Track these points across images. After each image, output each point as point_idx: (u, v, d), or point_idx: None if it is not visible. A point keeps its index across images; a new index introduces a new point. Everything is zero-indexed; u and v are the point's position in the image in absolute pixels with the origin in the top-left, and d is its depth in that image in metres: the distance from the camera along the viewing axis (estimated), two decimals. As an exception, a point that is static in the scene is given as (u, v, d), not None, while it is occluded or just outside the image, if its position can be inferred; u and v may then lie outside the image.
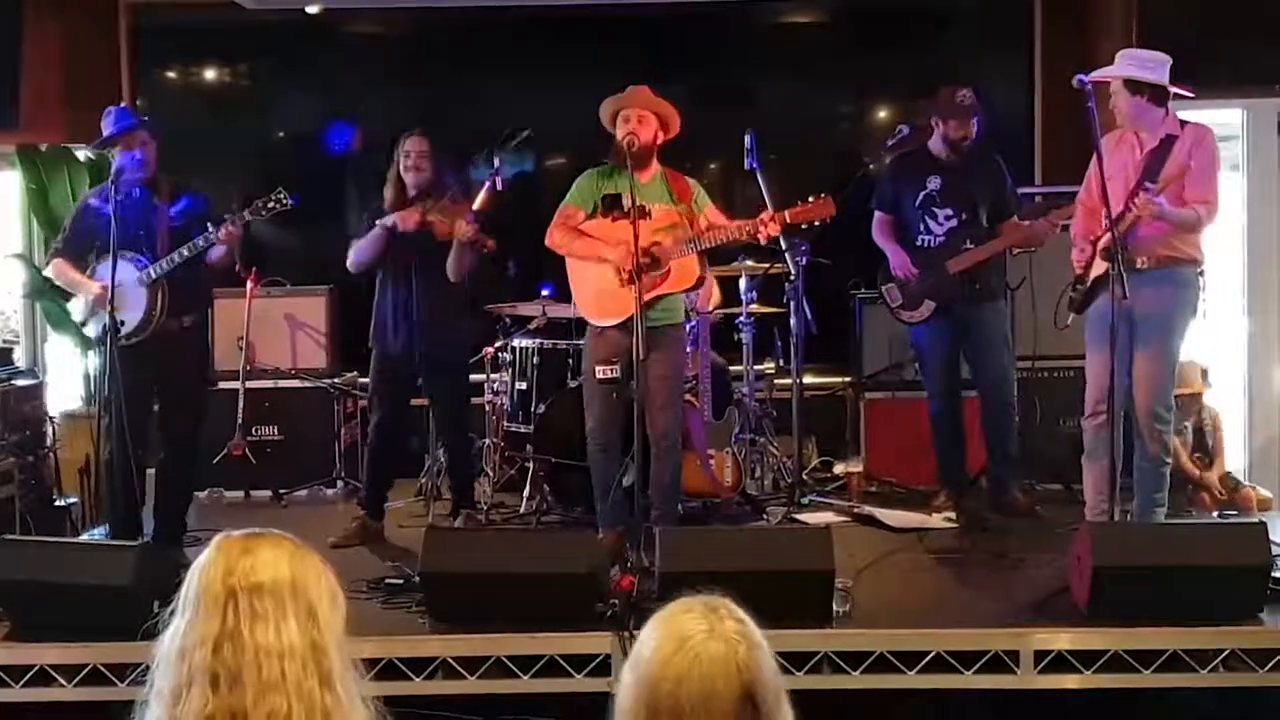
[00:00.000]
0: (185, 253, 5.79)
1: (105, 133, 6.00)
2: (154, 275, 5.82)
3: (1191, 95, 5.81)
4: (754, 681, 1.96)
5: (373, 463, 6.51)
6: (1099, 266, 5.66)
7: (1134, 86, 5.61)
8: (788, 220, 5.57)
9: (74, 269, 6.07)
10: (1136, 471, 5.77)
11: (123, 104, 6.11)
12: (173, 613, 2.15)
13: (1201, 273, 5.80)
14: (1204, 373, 7.08)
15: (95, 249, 5.99)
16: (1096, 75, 5.59)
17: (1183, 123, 5.72)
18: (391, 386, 6.41)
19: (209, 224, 5.84)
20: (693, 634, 1.98)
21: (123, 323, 5.80)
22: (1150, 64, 5.66)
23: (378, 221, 6.25)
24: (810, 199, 5.54)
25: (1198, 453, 7.04)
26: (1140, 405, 5.62)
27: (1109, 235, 5.50)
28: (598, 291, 5.74)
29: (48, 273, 6.35)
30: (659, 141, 5.79)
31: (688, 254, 5.63)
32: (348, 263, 6.38)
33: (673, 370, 5.82)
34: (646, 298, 5.46)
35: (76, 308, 6.16)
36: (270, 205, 5.82)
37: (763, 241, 5.65)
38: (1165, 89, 5.62)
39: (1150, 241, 5.59)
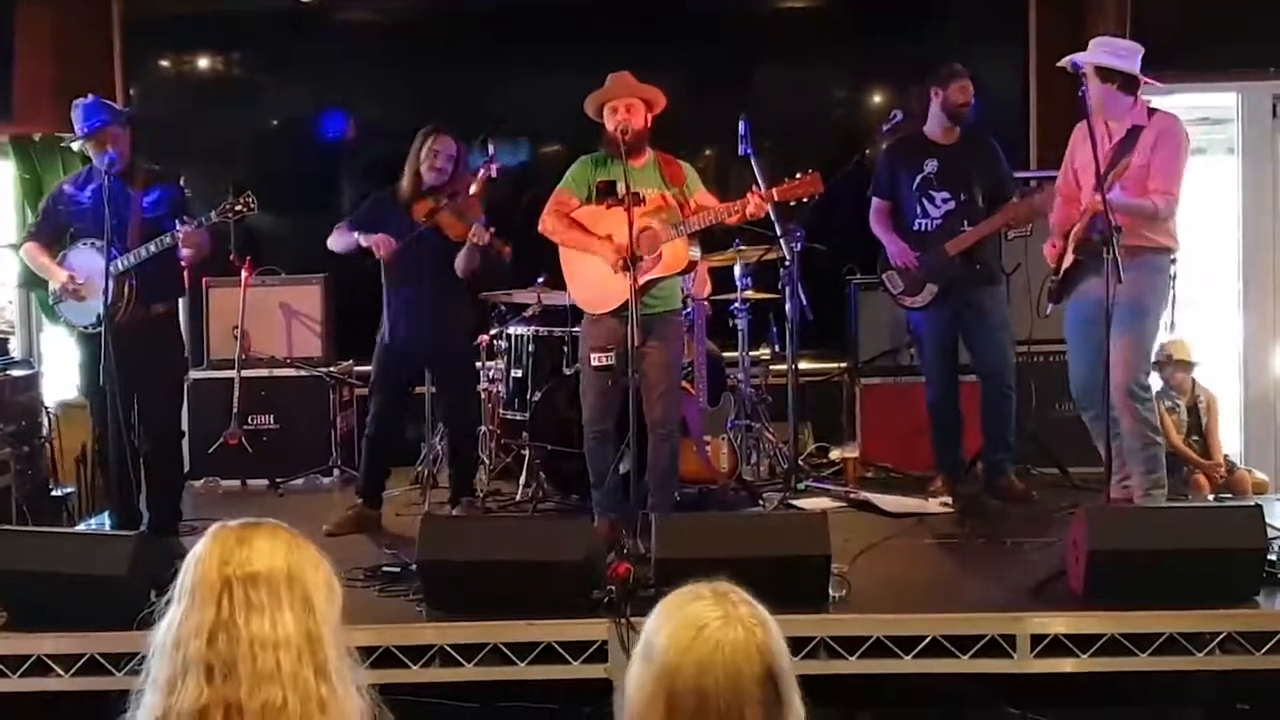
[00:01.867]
0: (153, 248, 5.79)
1: (77, 130, 5.98)
2: (121, 268, 5.79)
3: (1162, 86, 5.85)
4: (774, 664, 1.98)
5: (371, 451, 6.52)
6: (1071, 258, 5.75)
7: (1104, 74, 5.63)
8: (775, 197, 5.56)
9: (45, 254, 6.08)
10: (1127, 454, 5.79)
11: (90, 97, 6.06)
12: (169, 602, 2.15)
13: (1174, 260, 5.80)
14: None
15: (69, 235, 5.99)
16: (1068, 60, 5.64)
17: (1151, 111, 5.73)
18: (394, 376, 6.44)
19: (182, 216, 5.83)
20: (708, 621, 1.98)
21: (104, 313, 5.74)
22: (1122, 51, 5.68)
23: (358, 238, 6.28)
24: (798, 175, 5.54)
25: (1195, 436, 7.04)
26: (1114, 383, 5.61)
27: (1080, 226, 5.62)
28: (592, 280, 5.73)
29: (20, 255, 6.33)
30: (649, 124, 5.79)
31: (677, 237, 5.62)
32: (330, 240, 6.46)
33: (671, 358, 5.81)
34: (640, 282, 5.46)
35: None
36: (237, 209, 5.82)
37: (751, 214, 5.62)
38: (1135, 78, 5.64)
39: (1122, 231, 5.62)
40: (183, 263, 6.11)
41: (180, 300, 6.40)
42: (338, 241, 6.42)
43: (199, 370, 7.84)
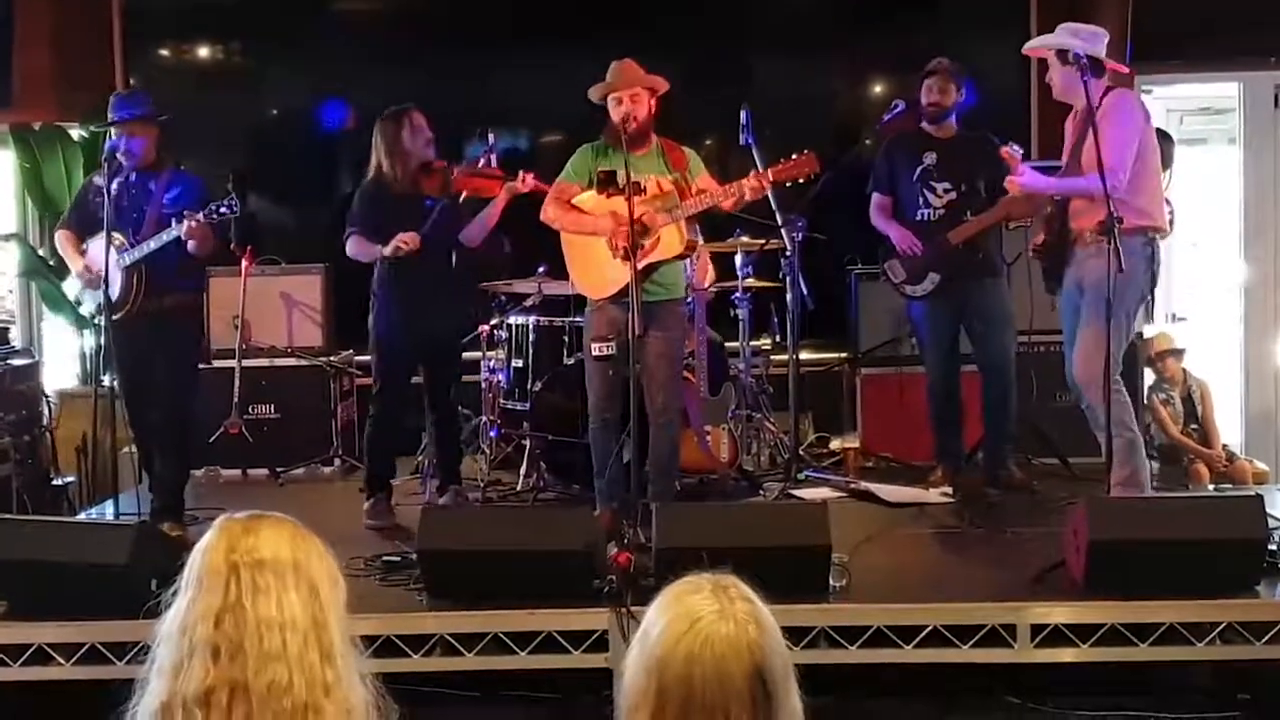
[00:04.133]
0: (152, 244, 5.85)
1: (112, 116, 6.01)
2: (127, 261, 5.88)
3: (1126, 71, 5.81)
4: (764, 662, 1.97)
5: (386, 442, 6.43)
6: (1040, 237, 5.86)
7: (1064, 57, 5.59)
8: (771, 179, 5.56)
9: (73, 244, 6.17)
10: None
11: (131, 90, 6.11)
12: (175, 594, 2.16)
13: (1151, 241, 5.61)
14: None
15: (97, 225, 6.03)
16: (1031, 45, 5.65)
17: (1109, 90, 5.63)
18: (403, 366, 6.37)
19: (198, 211, 5.86)
20: (703, 614, 1.99)
21: (104, 302, 5.82)
22: (1084, 35, 5.64)
23: (383, 253, 6.10)
24: (794, 156, 5.53)
25: (1192, 425, 7.05)
26: (1088, 376, 5.59)
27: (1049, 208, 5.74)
28: (593, 266, 5.73)
29: (57, 240, 6.36)
30: (654, 111, 5.77)
31: (674, 221, 5.61)
32: (348, 249, 6.27)
33: (672, 347, 5.81)
34: (639, 266, 5.45)
35: (71, 286, 6.22)
36: (221, 211, 5.83)
37: (749, 197, 5.60)
38: (1100, 61, 5.57)
39: (1080, 214, 5.61)
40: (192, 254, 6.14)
41: (199, 292, 6.38)
42: (361, 253, 6.23)
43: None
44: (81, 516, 6.83)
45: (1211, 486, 6.83)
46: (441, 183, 6.24)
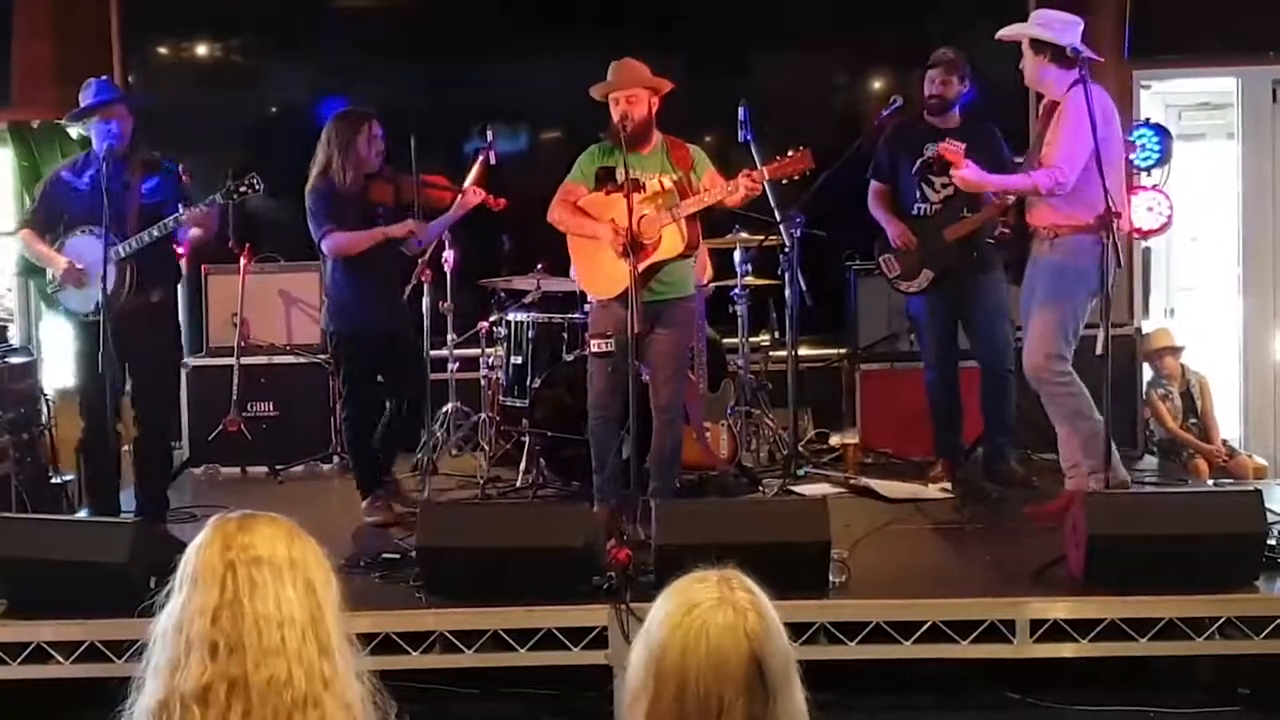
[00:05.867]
0: (155, 233, 5.75)
1: (83, 104, 5.96)
2: (122, 254, 5.74)
3: (1099, 59, 5.76)
4: (762, 651, 1.98)
5: (364, 443, 6.35)
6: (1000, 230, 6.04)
7: (1037, 46, 5.57)
8: (766, 176, 5.57)
9: (41, 240, 6.02)
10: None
11: (103, 77, 6.06)
12: (169, 593, 2.16)
13: (1102, 239, 5.40)
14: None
15: (63, 222, 5.96)
16: (1004, 33, 5.67)
17: (1074, 85, 5.49)
18: (368, 366, 6.29)
19: (181, 202, 5.82)
20: (701, 602, 2.00)
21: (103, 299, 5.65)
22: (1057, 24, 5.58)
23: (385, 233, 6.07)
24: (789, 152, 5.53)
25: (1191, 419, 7.05)
26: (1025, 367, 5.68)
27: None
28: (598, 266, 5.73)
29: (15, 241, 6.25)
30: (654, 110, 5.76)
31: (672, 221, 5.60)
32: (329, 247, 6.10)
33: (678, 344, 5.81)
34: (640, 268, 5.45)
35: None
36: (242, 189, 5.78)
37: (742, 197, 5.58)
38: (1073, 52, 5.44)
39: (1034, 211, 5.61)
40: (181, 248, 6.09)
41: (178, 287, 6.36)
42: (347, 245, 6.07)
43: (199, 357, 7.84)
44: (80, 515, 6.82)
45: (1211, 481, 6.82)
46: (391, 191, 6.17)
